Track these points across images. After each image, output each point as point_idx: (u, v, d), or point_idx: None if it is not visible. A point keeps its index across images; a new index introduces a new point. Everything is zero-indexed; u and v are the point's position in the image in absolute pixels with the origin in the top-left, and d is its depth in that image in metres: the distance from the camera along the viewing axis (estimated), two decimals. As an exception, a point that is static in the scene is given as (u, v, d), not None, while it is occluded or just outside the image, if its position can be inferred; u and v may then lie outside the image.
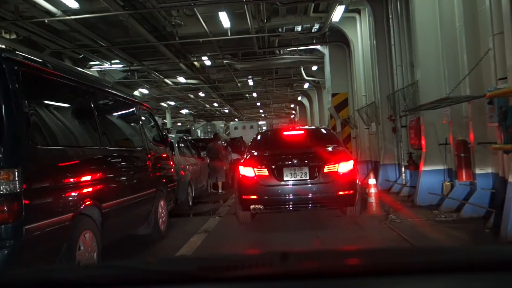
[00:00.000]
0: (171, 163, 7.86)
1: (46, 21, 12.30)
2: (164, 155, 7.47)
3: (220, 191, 13.53)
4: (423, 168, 8.72)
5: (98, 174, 4.67)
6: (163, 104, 33.75)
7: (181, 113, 42.30)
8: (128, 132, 6.01)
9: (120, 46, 16.08)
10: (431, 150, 8.69)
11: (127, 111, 6.11)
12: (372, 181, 8.16)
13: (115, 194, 5.05)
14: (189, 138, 14.53)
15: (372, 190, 8.06)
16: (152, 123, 7.29)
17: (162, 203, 6.86)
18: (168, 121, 36.70)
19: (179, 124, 50.21)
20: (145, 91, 27.22)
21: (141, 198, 5.92)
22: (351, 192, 7.15)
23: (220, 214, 9.10)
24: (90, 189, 4.44)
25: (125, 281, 1.28)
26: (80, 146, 4.46)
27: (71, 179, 4.11)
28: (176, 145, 10.42)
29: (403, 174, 10.82)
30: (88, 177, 4.43)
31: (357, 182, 7.39)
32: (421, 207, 8.41)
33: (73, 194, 4.10)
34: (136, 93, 26.85)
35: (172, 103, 34.28)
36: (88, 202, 4.37)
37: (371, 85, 13.54)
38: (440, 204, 8.03)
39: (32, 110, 3.68)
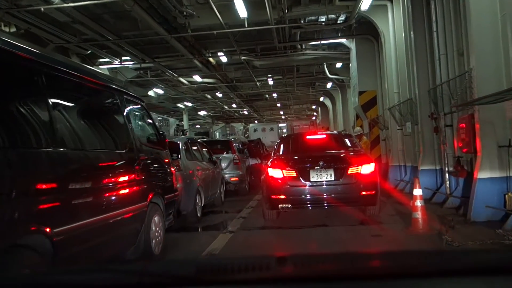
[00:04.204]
0: (172, 169, 6.48)
1: (42, 9, 11.11)
2: (162, 159, 6.09)
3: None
4: (479, 175, 7.14)
5: (48, 187, 3.30)
6: (179, 105, 32.58)
7: (199, 115, 41.11)
8: (105, 129, 4.59)
9: (128, 39, 14.85)
10: (489, 153, 7.11)
11: (104, 101, 4.72)
12: (417, 191, 6.63)
13: (78, 213, 3.67)
14: (200, 139, 13.16)
15: (418, 203, 6.52)
16: (146, 119, 5.89)
17: (156, 219, 5.49)
18: (185, 122, 35.61)
19: (198, 126, 49.22)
20: (160, 91, 26.05)
21: (124, 216, 4.55)
22: (373, 192, 7.62)
23: (232, 229, 7.67)
24: (30, 210, 3.07)
25: (122, 285, 1.27)
26: (15, 148, 3.08)
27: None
28: (184, 147, 9.07)
29: (447, 182, 9.23)
30: (27, 193, 3.06)
31: (378, 183, 7.83)
32: (477, 224, 6.85)
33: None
34: (150, 93, 25.73)
35: (189, 104, 33.07)
36: (27, 229, 3.00)
37: (406, 80, 11.98)
38: (504, 221, 6.43)
39: None
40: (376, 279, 1.21)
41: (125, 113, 4.96)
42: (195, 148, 10.11)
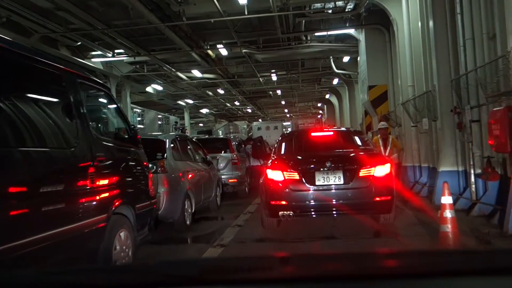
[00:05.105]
0: (149, 172, 5.34)
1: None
2: (133, 159, 4.96)
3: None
4: (517, 179, 5.97)
5: None
6: (180, 102, 31.49)
7: (201, 113, 40.01)
8: (40, 121, 3.37)
9: (118, 28, 13.70)
10: (530, 153, 5.94)
11: (41, 84, 3.54)
12: (447, 199, 5.46)
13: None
14: (193, 137, 12.03)
15: (448, 214, 5.35)
16: (112, 111, 4.73)
17: (123, 234, 4.37)
18: (186, 120, 34.57)
19: (201, 124, 48.26)
20: (159, 88, 24.95)
21: (69, 235, 3.43)
22: (389, 198, 6.62)
23: (224, 242, 6.53)
24: None
25: (125, 284, 1.27)
26: None
27: None
28: (172, 145, 7.95)
29: (473, 185, 8.05)
30: None
31: (394, 187, 6.87)
32: (517, 238, 5.68)
33: None
34: (149, 89, 24.67)
35: (190, 101, 31.96)
36: None
37: (422, 72, 10.82)
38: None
39: None
40: (378, 279, 1.20)
41: (75, 101, 3.81)
42: (186, 146, 8.97)
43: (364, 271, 1.25)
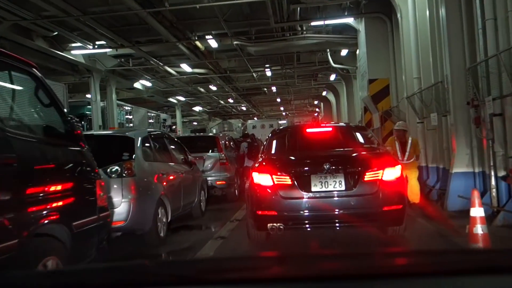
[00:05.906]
0: (96, 178, 4.18)
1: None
2: (70, 161, 3.79)
3: None
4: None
5: None
6: (172, 99, 30.28)
7: (195, 111, 38.81)
8: None
9: (94, 15, 12.50)
10: None
11: None
12: (477, 211, 4.35)
13: None
14: (174, 135, 10.89)
15: (479, 230, 4.25)
16: (39, 97, 3.54)
17: (50, 263, 3.23)
18: (178, 118, 33.37)
19: (195, 123, 47.19)
20: (148, 84, 23.74)
21: None
22: (400, 206, 5.64)
23: (200, 260, 5.39)
24: None
25: (123, 283, 1.27)
26: None
27: None
28: (143, 144, 6.80)
29: (494, 190, 6.95)
30: None
31: (406, 193, 6.19)
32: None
33: None
34: (137, 85, 23.48)
35: (182, 98, 30.74)
36: None
37: (430, 62, 9.70)
38: None
39: None
40: (378, 279, 1.19)
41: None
42: (163, 145, 7.81)
43: (364, 271, 1.23)
